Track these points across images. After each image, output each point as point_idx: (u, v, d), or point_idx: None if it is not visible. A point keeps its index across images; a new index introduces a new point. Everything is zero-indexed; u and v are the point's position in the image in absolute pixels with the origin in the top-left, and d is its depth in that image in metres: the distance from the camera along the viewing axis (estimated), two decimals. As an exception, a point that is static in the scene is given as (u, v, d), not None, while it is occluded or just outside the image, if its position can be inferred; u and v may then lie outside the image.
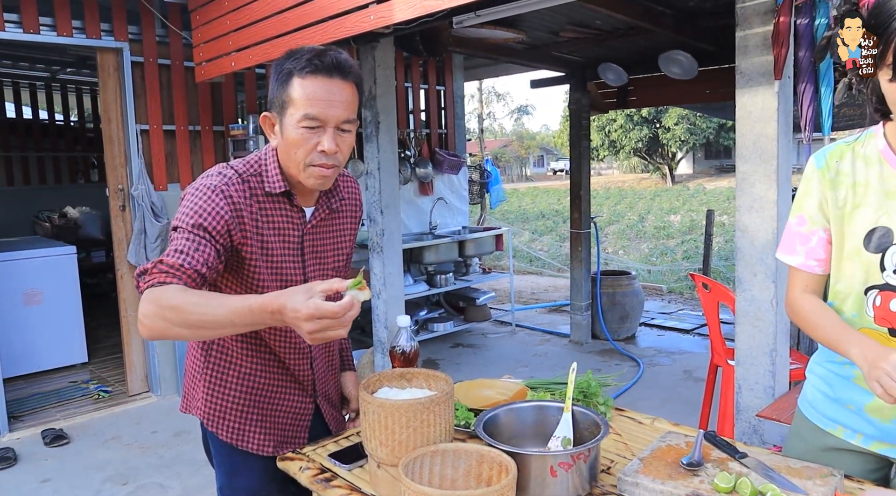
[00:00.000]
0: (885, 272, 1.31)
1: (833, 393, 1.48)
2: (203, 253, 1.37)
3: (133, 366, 4.70)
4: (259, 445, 1.66)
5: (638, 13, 3.88)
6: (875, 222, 1.32)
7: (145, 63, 4.44)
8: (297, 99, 1.43)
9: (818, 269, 1.45)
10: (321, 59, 1.43)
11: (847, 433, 1.45)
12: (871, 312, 1.36)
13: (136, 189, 4.41)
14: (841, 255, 1.39)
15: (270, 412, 1.67)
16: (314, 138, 1.44)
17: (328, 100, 1.43)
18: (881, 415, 1.38)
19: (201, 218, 1.40)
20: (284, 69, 1.45)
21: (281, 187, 1.52)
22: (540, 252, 12.23)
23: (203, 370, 1.65)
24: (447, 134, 6.48)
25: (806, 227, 1.44)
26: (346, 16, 2.87)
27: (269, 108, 1.51)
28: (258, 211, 1.50)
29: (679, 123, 27.91)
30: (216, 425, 1.66)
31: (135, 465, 3.64)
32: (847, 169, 1.37)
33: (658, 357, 5.49)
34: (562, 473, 1.32)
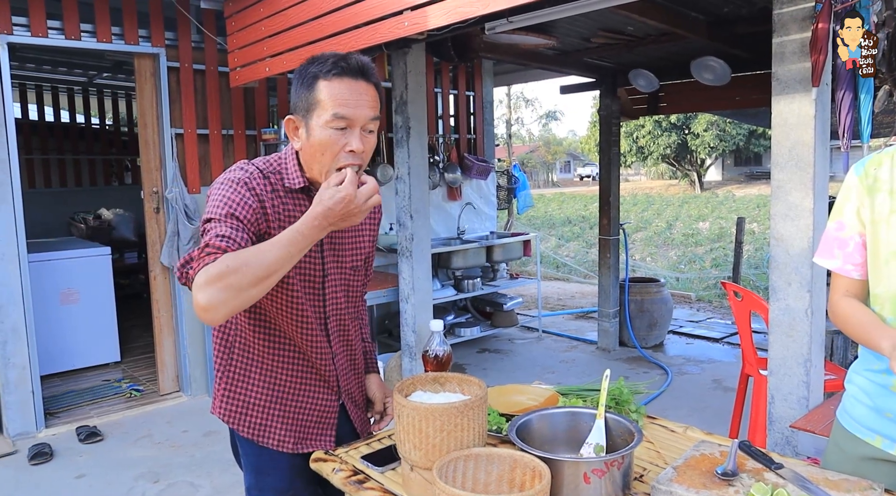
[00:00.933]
0: None
1: (871, 402, 1.47)
2: (242, 238, 1.41)
3: (164, 365, 4.78)
4: (280, 441, 1.67)
5: (671, 19, 3.86)
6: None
7: (181, 68, 4.53)
8: (324, 100, 1.46)
9: (855, 274, 1.47)
10: (347, 62, 1.48)
11: (886, 443, 1.44)
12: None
13: (170, 192, 4.49)
14: (878, 260, 1.41)
15: (293, 408, 1.68)
16: (342, 139, 1.47)
17: (356, 100, 1.47)
18: None
19: (232, 208, 1.44)
20: (309, 73, 1.49)
21: (300, 183, 1.56)
22: (567, 258, 12.17)
23: (226, 367, 1.68)
24: (476, 139, 6.49)
25: (844, 232, 1.47)
26: (381, 22, 2.90)
27: (291, 112, 1.54)
28: (279, 205, 1.54)
29: (708, 130, 27.60)
30: (236, 421, 1.67)
31: (166, 463, 3.69)
32: (885, 176, 1.40)
33: (686, 365, 5.43)
34: (595, 480, 1.32)
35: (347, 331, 1.74)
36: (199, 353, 4.75)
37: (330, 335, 1.68)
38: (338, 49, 3.19)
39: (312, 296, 1.62)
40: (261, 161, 1.59)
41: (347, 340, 1.75)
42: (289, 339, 1.64)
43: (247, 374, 1.66)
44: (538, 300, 6.70)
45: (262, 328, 1.62)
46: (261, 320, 1.61)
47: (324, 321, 1.66)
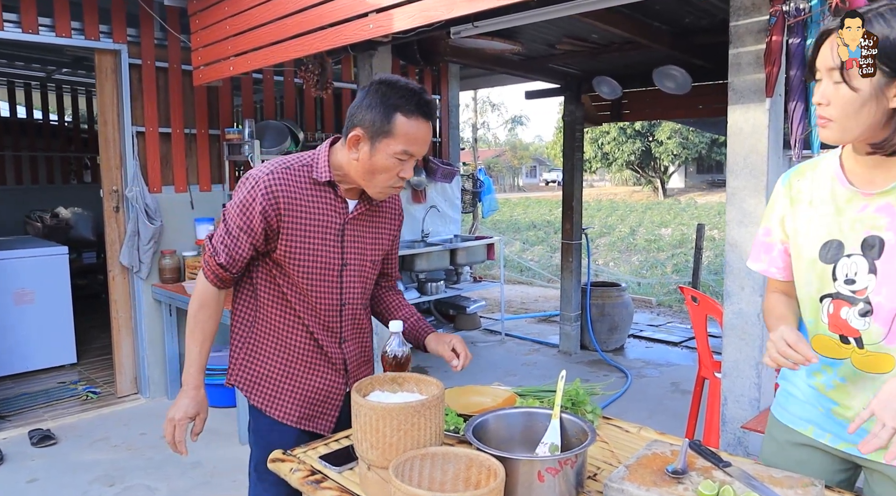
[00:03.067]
0: (837, 282, 1.40)
1: (802, 396, 1.56)
2: (238, 249, 1.70)
3: (122, 367, 4.69)
4: (284, 414, 1.82)
5: (635, 28, 3.94)
6: (828, 235, 1.41)
7: (143, 65, 4.46)
8: (399, 134, 1.62)
9: (779, 275, 1.57)
10: (427, 107, 1.64)
11: (817, 432, 1.52)
12: (825, 320, 1.44)
13: (130, 191, 4.41)
14: (800, 266, 1.48)
15: (301, 385, 1.82)
16: (400, 167, 1.66)
17: (423, 139, 1.66)
18: (844, 417, 1.45)
19: (239, 216, 1.68)
20: (390, 103, 1.61)
21: (327, 176, 1.71)
22: (531, 262, 12.27)
23: (246, 339, 1.84)
24: (441, 143, 6.51)
25: (770, 237, 1.57)
26: (346, 24, 2.90)
27: (354, 125, 1.65)
28: (302, 196, 1.70)
29: (672, 137, 28.10)
30: (249, 390, 1.84)
31: (122, 467, 3.63)
32: (806, 187, 1.48)
33: (646, 369, 5.52)
34: (549, 478, 1.35)
35: (361, 320, 1.88)
36: (159, 355, 4.68)
37: (343, 321, 1.82)
38: (303, 50, 3.18)
39: (329, 283, 1.77)
40: (294, 156, 1.76)
41: (360, 328, 1.89)
42: (301, 320, 1.78)
43: (265, 348, 1.82)
44: (501, 303, 6.74)
45: (281, 308, 1.78)
46: (280, 300, 1.78)
47: (339, 308, 1.80)
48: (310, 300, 1.76)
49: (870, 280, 1.35)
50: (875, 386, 1.36)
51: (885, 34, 1.23)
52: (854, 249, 1.37)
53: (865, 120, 1.27)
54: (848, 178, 1.40)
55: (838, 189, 1.41)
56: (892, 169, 1.33)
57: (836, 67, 1.27)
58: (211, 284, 1.76)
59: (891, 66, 1.23)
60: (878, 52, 1.22)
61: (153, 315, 4.64)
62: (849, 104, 1.27)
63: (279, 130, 4.91)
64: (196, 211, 4.76)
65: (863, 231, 1.36)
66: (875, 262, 1.34)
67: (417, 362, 5.59)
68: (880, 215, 1.34)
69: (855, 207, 1.38)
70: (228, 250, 1.71)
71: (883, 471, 1.43)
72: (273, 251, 1.72)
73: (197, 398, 1.77)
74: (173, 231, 4.65)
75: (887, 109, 1.26)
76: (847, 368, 1.42)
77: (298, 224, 1.70)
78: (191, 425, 1.78)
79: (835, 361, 1.44)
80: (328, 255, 1.75)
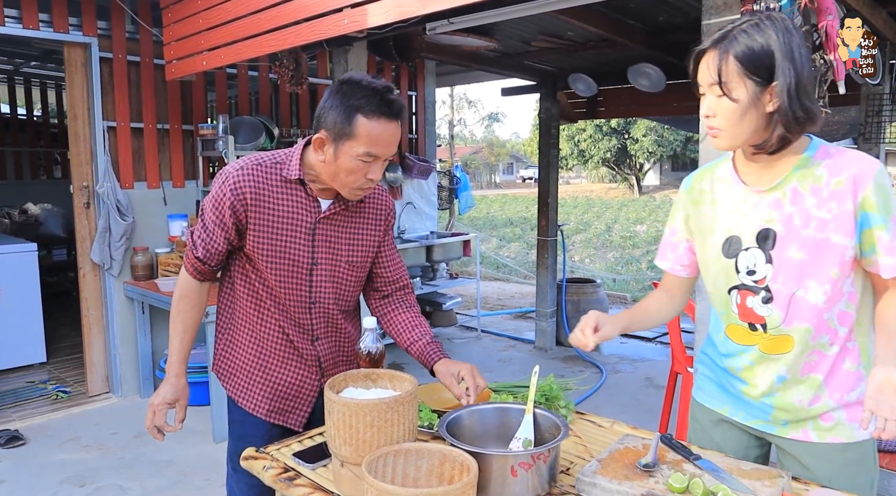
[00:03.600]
0: (740, 274, 1.51)
1: (715, 378, 1.68)
2: (213, 243, 1.73)
3: (93, 366, 4.62)
4: (255, 405, 1.84)
5: (610, 26, 3.96)
6: (729, 232, 1.53)
7: (114, 59, 4.39)
8: (361, 136, 1.59)
9: (683, 273, 1.70)
10: (390, 107, 1.60)
11: (731, 410, 1.64)
12: (735, 310, 1.55)
13: (101, 186, 4.34)
14: (707, 262, 1.59)
15: (272, 378, 1.84)
16: (366, 168, 1.64)
17: (387, 140, 1.62)
18: (752, 396, 1.57)
19: (212, 211, 1.71)
20: (351, 105, 1.58)
21: (296, 175, 1.70)
22: (507, 259, 12.31)
23: (226, 329, 1.88)
24: (417, 139, 6.50)
25: (676, 237, 1.70)
26: (320, 19, 2.88)
27: (319, 126, 1.64)
28: (271, 192, 1.70)
29: (647, 135, 28.35)
30: (226, 380, 1.89)
31: (94, 467, 3.57)
32: (707, 188, 1.60)
33: (621, 364, 5.57)
34: (522, 473, 1.35)
35: (336, 320, 1.85)
36: (131, 353, 4.61)
37: (313, 319, 1.81)
38: (278, 45, 3.16)
39: (298, 281, 1.76)
40: (269, 153, 1.76)
41: (336, 328, 1.87)
42: (273, 315, 1.79)
43: (241, 340, 1.84)
44: (478, 300, 6.76)
45: (254, 302, 1.79)
46: (253, 295, 1.79)
47: (308, 306, 1.79)
48: (279, 296, 1.77)
49: (768, 269, 1.47)
50: (777, 366, 1.50)
51: (750, 47, 1.35)
52: (751, 243, 1.49)
53: (749, 126, 1.39)
54: (741, 179, 1.52)
55: (734, 189, 1.53)
56: (777, 168, 1.45)
57: (715, 82, 1.38)
58: (191, 277, 1.81)
59: (760, 75, 1.35)
60: (746, 64, 1.35)
61: (125, 313, 4.57)
62: (732, 114, 1.38)
63: (254, 126, 4.87)
64: (169, 207, 4.70)
65: (757, 225, 1.48)
66: (770, 253, 1.46)
67: (394, 359, 5.58)
68: (771, 210, 1.46)
69: (749, 204, 1.50)
70: (205, 244, 1.74)
71: (788, 448, 1.56)
72: (244, 246, 1.73)
73: (177, 385, 1.80)
74: (146, 227, 4.59)
75: (765, 114, 1.38)
76: (756, 352, 1.53)
77: (266, 220, 1.70)
78: (172, 413, 1.80)
79: (747, 347, 1.55)
80: (297, 253, 1.75)
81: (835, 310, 1.44)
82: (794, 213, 1.43)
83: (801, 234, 1.42)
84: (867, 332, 1.50)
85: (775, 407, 1.53)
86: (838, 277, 1.41)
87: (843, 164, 1.40)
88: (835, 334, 1.46)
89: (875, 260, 1.40)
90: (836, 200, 1.39)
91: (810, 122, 1.38)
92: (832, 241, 1.40)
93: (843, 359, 1.48)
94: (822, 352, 1.47)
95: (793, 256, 1.43)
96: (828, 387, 1.48)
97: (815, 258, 1.41)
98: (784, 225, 1.44)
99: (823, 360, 1.47)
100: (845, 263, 1.41)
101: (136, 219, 4.49)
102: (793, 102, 1.35)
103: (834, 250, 1.40)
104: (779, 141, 1.39)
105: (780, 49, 1.34)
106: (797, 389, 1.50)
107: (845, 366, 1.48)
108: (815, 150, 1.44)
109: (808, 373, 1.48)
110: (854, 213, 1.38)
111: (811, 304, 1.43)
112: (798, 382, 1.49)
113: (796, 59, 1.35)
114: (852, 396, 1.48)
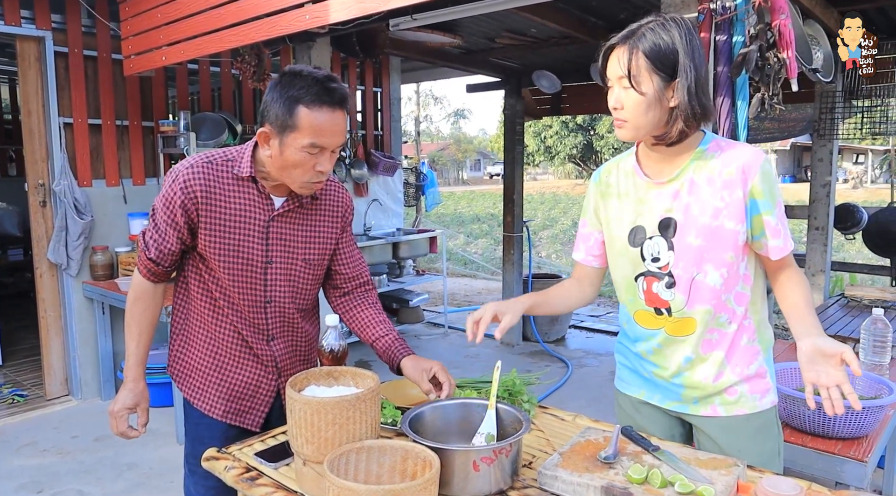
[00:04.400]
0: (646, 262, 1.60)
1: (630, 364, 1.77)
2: (166, 243, 1.70)
3: (52, 368, 4.52)
4: (210, 407, 1.81)
5: (572, 23, 4.00)
6: (634, 222, 1.61)
7: (70, 54, 4.28)
8: (304, 127, 1.56)
9: (595, 263, 1.78)
10: (331, 96, 1.56)
11: (647, 395, 1.73)
12: (642, 296, 1.63)
13: (57, 185, 4.24)
14: (614, 252, 1.68)
15: (229, 380, 1.81)
16: (313, 160, 1.60)
17: (332, 129, 1.58)
18: (664, 377, 1.66)
19: (163, 210, 1.68)
20: (291, 96, 1.55)
21: (247, 172, 1.68)
22: (475, 255, 12.35)
23: (181, 330, 1.85)
24: (383, 136, 6.48)
25: (587, 229, 1.77)
26: (281, 14, 2.85)
27: (264, 120, 1.61)
28: (222, 190, 1.67)
29: (612, 131, 28.62)
30: (182, 381, 1.85)
31: (52, 472, 3.50)
32: (613, 181, 1.68)
33: (586, 358, 5.63)
34: (484, 468, 1.36)
35: (293, 319, 1.83)
36: (91, 355, 4.52)
37: (269, 318, 1.78)
38: (238, 40, 3.11)
39: (252, 280, 1.74)
40: (220, 151, 1.73)
41: (292, 327, 1.84)
42: (227, 315, 1.76)
43: (196, 341, 1.81)
44: (444, 296, 6.77)
45: (208, 302, 1.76)
46: (207, 295, 1.76)
47: (263, 305, 1.76)
48: (233, 296, 1.74)
49: (670, 256, 1.56)
50: (683, 347, 1.60)
51: (657, 44, 1.43)
52: (654, 231, 1.57)
53: (652, 119, 1.47)
54: (644, 171, 1.60)
55: (638, 181, 1.61)
56: (676, 160, 1.55)
57: (624, 75, 1.46)
58: (144, 279, 1.77)
59: (665, 72, 1.44)
60: (654, 60, 1.43)
61: (85, 313, 4.48)
62: (638, 106, 1.46)
63: (216, 123, 4.80)
64: (129, 205, 4.61)
65: (659, 215, 1.57)
66: (672, 240, 1.55)
67: (360, 356, 5.57)
68: (671, 200, 1.55)
69: (651, 195, 1.58)
70: (157, 245, 1.71)
71: (701, 426, 1.65)
72: (197, 245, 1.71)
73: (135, 389, 1.78)
74: (105, 226, 4.49)
75: (667, 108, 1.47)
76: (662, 335, 1.62)
77: (218, 218, 1.68)
78: (134, 417, 1.79)
79: (654, 331, 1.63)
80: (251, 252, 1.72)
81: (732, 292, 1.55)
82: (692, 202, 1.53)
83: (698, 221, 1.52)
84: (760, 310, 1.62)
85: (685, 386, 1.63)
86: (733, 261, 1.52)
87: (733, 156, 1.51)
88: (733, 313, 1.57)
89: (764, 243, 1.52)
90: (728, 189, 1.49)
91: (705, 117, 1.49)
92: (726, 227, 1.50)
93: (741, 336, 1.59)
94: (722, 331, 1.58)
95: (691, 243, 1.52)
96: (729, 363, 1.59)
97: (711, 243, 1.51)
98: (683, 214, 1.53)
99: (724, 338, 1.58)
100: (738, 248, 1.52)
101: (95, 217, 4.40)
102: (692, 98, 1.44)
103: (728, 235, 1.50)
104: (678, 134, 1.48)
105: (683, 48, 1.43)
106: (702, 367, 1.60)
107: (743, 343, 1.59)
108: (708, 143, 1.54)
109: (710, 351, 1.59)
110: (744, 200, 1.49)
111: (710, 287, 1.53)
112: (702, 360, 1.59)
113: (696, 58, 1.45)
114: (752, 370, 1.60)
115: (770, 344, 1.66)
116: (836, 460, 1.98)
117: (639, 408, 1.76)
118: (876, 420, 2.01)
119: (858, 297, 4.02)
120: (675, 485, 1.31)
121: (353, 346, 5.76)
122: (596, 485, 1.33)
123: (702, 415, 1.64)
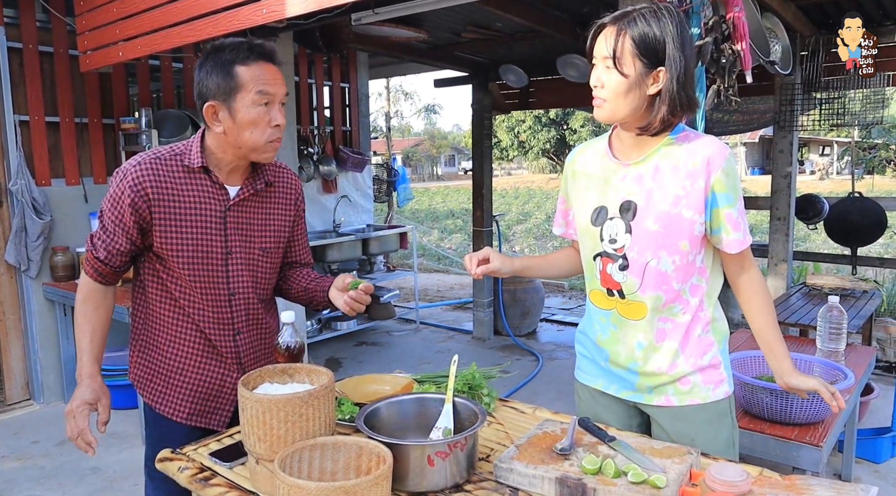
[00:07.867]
0: (604, 242, 1.62)
1: (589, 354, 1.78)
2: (115, 244, 1.67)
3: (11, 372, 4.42)
4: (174, 410, 1.78)
5: (536, 17, 3.99)
6: (598, 202, 1.64)
7: (24, 49, 4.18)
8: (247, 82, 1.59)
9: (576, 236, 1.78)
10: (262, 48, 1.63)
11: (604, 385, 1.75)
12: (598, 275, 1.66)
13: (14, 184, 4.14)
14: (580, 230, 1.70)
15: (190, 380, 1.78)
16: (266, 115, 1.62)
17: (274, 79, 1.63)
18: (619, 364, 1.68)
19: (111, 210, 1.66)
20: (225, 60, 1.59)
21: (198, 162, 1.67)
22: (448, 250, 12.35)
23: (139, 334, 1.81)
24: (351, 131, 6.44)
25: (564, 205, 1.81)
26: (238, 9, 2.80)
27: (206, 99, 1.62)
28: (174, 185, 1.66)
29: (585, 126, 28.86)
30: (143, 387, 1.82)
31: (10, 478, 3.42)
32: (584, 161, 1.72)
33: (557, 351, 5.66)
34: (439, 462, 1.36)
35: (257, 311, 1.81)
36: (53, 358, 4.43)
37: (234, 312, 1.76)
38: (195, 35, 3.06)
39: (214, 273, 1.72)
40: (167, 146, 1.71)
41: (257, 321, 1.82)
42: (188, 314, 1.73)
43: (156, 344, 1.78)
44: (415, 292, 6.76)
45: (167, 303, 1.74)
46: (165, 296, 1.73)
47: (228, 298, 1.75)
48: (195, 292, 1.72)
49: (626, 239, 1.58)
50: (635, 333, 1.62)
51: (645, 31, 1.45)
52: (615, 213, 1.60)
53: (631, 103, 1.49)
54: (613, 153, 1.63)
55: (607, 163, 1.64)
56: (647, 145, 1.57)
57: (609, 56, 1.48)
58: (92, 280, 1.73)
59: (649, 58, 1.46)
60: (639, 45, 1.45)
61: (45, 315, 4.38)
62: (618, 87, 1.49)
63: (179, 119, 4.72)
64: (90, 204, 4.51)
65: (621, 196, 1.59)
66: (630, 223, 1.57)
67: (332, 354, 5.54)
68: (634, 183, 1.58)
69: (617, 177, 1.61)
70: (106, 246, 1.69)
71: (655, 416, 1.68)
72: (152, 245, 1.67)
73: (93, 385, 1.70)
74: (66, 226, 4.40)
75: (646, 95, 1.49)
76: (614, 316, 1.65)
77: (172, 214, 1.66)
78: (94, 416, 1.70)
79: (606, 311, 1.67)
80: (210, 244, 1.70)
81: (687, 283, 1.58)
82: (654, 188, 1.55)
83: (658, 207, 1.54)
84: (716, 304, 1.65)
85: (640, 374, 1.65)
86: (687, 250, 1.55)
87: (699, 147, 1.53)
88: (686, 303, 1.59)
89: (722, 237, 1.55)
90: (690, 179, 1.52)
91: (690, 108, 1.51)
92: (683, 216, 1.52)
93: (695, 327, 1.61)
94: (675, 320, 1.60)
95: (649, 227, 1.55)
96: (683, 353, 1.61)
97: (667, 230, 1.54)
98: (644, 198, 1.56)
99: (677, 328, 1.60)
100: (694, 238, 1.54)
101: (55, 217, 4.31)
102: (680, 89, 1.47)
103: (684, 224, 1.53)
104: (661, 123, 1.50)
105: (674, 39, 1.45)
106: (656, 356, 1.62)
107: (697, 333, 1.61)
108: (678, 133, 1.56)
109: (662, 340, 1.61)
110: (705, 192, 1.51)
111: (662, 272, 1.56)
112: (655, 350, 1.61)
113: (686, 50, 1.47)
114: (705, 361, 1.62)
115: (725, 336, 1.68)
116: (793, 446, 2.01)
117: (597, 399, 1.77)
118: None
119: (819, 286, 4.09)
120: (628, 475, 1.31)
121: (324, 344, 5.74)
122: (550, 477, 1.33)
123: (655, 404, 1.66)
